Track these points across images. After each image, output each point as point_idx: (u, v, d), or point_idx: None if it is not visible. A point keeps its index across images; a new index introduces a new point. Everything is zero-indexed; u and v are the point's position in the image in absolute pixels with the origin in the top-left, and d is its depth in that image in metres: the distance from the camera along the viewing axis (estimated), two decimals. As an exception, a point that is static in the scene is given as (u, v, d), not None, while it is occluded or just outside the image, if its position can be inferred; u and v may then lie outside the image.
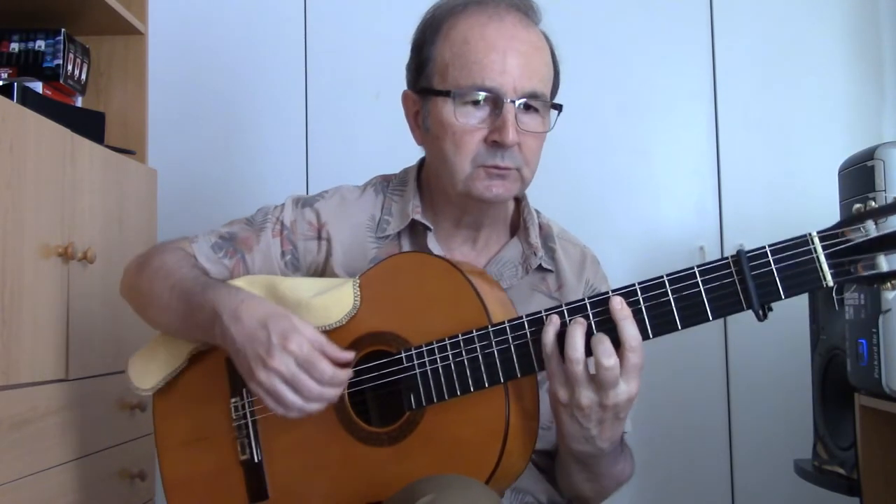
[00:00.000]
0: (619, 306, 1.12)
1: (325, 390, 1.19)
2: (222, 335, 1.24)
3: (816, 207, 2.59)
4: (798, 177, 2.75)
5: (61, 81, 2.03)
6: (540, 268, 1.41)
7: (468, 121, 1.29)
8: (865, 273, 1.04)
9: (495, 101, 1.29)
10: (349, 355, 1.23)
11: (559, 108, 1.34)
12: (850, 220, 1.05)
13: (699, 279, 1.10)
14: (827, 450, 2.21)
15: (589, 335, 1.13)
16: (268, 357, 1.18)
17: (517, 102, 1.28)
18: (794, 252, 1.07)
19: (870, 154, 1.94)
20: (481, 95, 1.29)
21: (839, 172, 2.11)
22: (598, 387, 1.13)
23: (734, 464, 2.71)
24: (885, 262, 1.04)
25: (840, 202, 2.10)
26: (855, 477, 2.01)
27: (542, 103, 1.32)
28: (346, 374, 1.21)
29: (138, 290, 1.41)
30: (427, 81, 1.35)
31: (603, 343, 1.11)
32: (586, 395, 1.13)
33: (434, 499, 1.06)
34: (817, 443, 2.27)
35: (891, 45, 2.78)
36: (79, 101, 2.15)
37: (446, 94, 1.30)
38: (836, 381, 2.14)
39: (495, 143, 1.29)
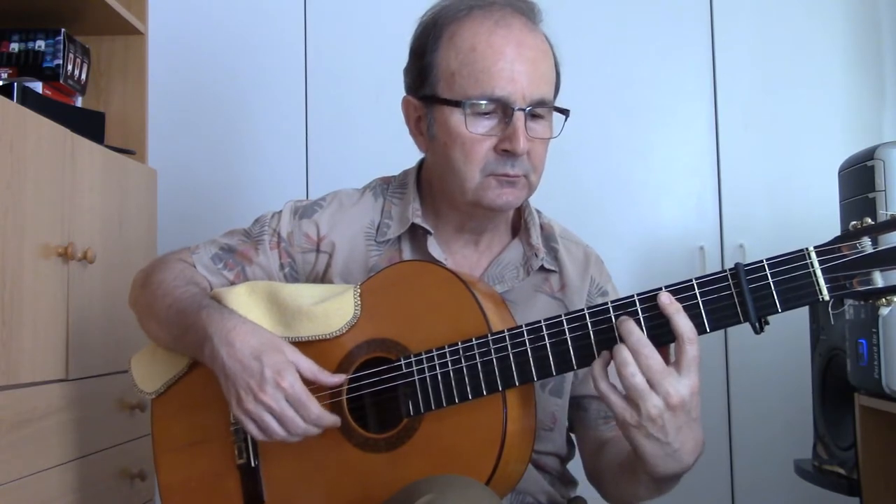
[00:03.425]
0: (668, 301, 1.10)
1: (309, 428, 1.22)
2: (212, 357, 1.25)
3: (816, 207, 2.60)
4: (798, 177, 2.75)
5: (61, 81, 2.03)
6: (542, 268, 1.40)
7: (477, 130, 1.28)
8: (861, 288, 1.06)
9: (504, 110, 1.28)
10: (340, 378, 1.25)
11: (566, 113, 1.33)
12: (846, 235, 1.07)
13: (697, 291, 1.11)
14: (827, 450, 2.21)
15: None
16: (259, 391, 1.20)
17: (526, 110, 1.27)
18: (791, 266, 1.08)
19: (870, 154, 1.94)
20: (491, 105, 1.27)
21: (839, 172, 2.11)
22: (659, 388, 1.09)
23: (734, 464, 2.71)
24: (880, 278, 1.05)
25: (840, 202, 2.10)
26: (855, 477, 2.01)
27: (548, 109, 1.32)
28: (331, 419, 1.23)
29: (140, 305, 1.42)
30: (431, 89, 1.33)
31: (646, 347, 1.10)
32: (653, 405, 1.09)
33: (433, 499, 1.06)
34: (817, 443, 2.27)
35: (891, 45, 2.78)
36: (79, 101, 2.15)
37: (456, 104, 1.29)
38: (836, 381, 2.15)
39: (505, 152, 1.28)
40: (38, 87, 1.95)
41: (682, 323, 1.10)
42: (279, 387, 1.20)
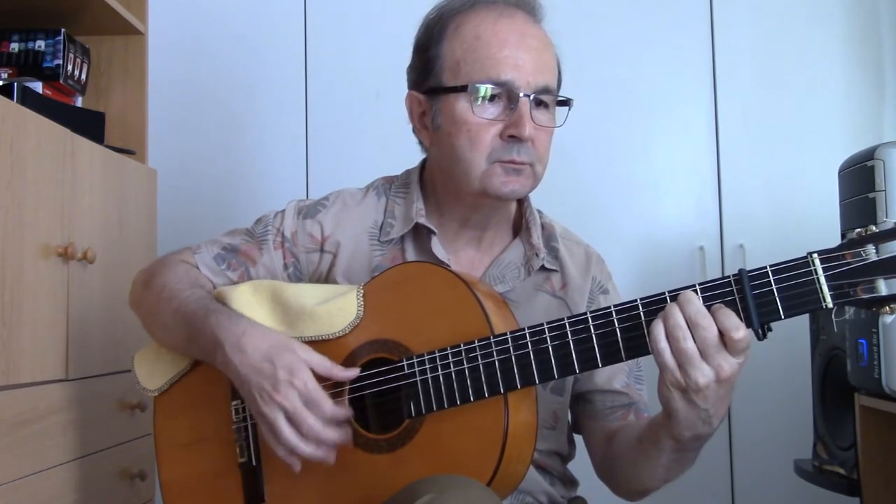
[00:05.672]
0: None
1: (323, 432, 1.20)
2: (225, 364, 1.25)
3: (816, 207, 2.60)
4: (798, 177, 2.75)
5: (61, 81, 2.03)
6: (543, 268, 1.41)
7: (483, 115, 1.30)
8: (865, 296, 1.06)
9: (510, 96, 1.29)
10: (353, 372, 1.24)
11: (569, 104, 1.35)
12: (851, 243, 1.07)
13: (700, 296, 1.10)
14: (827, 450, 2.21)
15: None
16: (273, 391, 1.20)
17: (531, 96, 1.29)
18: (794, 273, 1.08)
19: (870, 154, 1.94)
20: (497, 90, 1.29)
21: (839, 172, 2.11)
22: (711, 360, 1.09)
23: (734, 464, 2.71)
24: (884, 286, 1.05)
25: (840, 202, 2.10)
26: (855, 477, 2.01)
27: (552, 99, 1.33)
28: (344, 413, 1.22)
29: (144, 307, 1.42)
30: (436, 80, 1.34)
31: (729, 317, 1.09)
32: (703, 374, 1.10)
33: (433, 498, 1.06)
34: (817, 443, 2.26)
35: (891, 45, 2.78)
36: (79, 101, 2.14)
37: (461, 89, 1.30)
38: (836, 381, 2.15)
39: (511, 138, 1.29)
40: (38, 87, 1.95)
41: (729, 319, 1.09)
42: (293, 386, 1.20)
